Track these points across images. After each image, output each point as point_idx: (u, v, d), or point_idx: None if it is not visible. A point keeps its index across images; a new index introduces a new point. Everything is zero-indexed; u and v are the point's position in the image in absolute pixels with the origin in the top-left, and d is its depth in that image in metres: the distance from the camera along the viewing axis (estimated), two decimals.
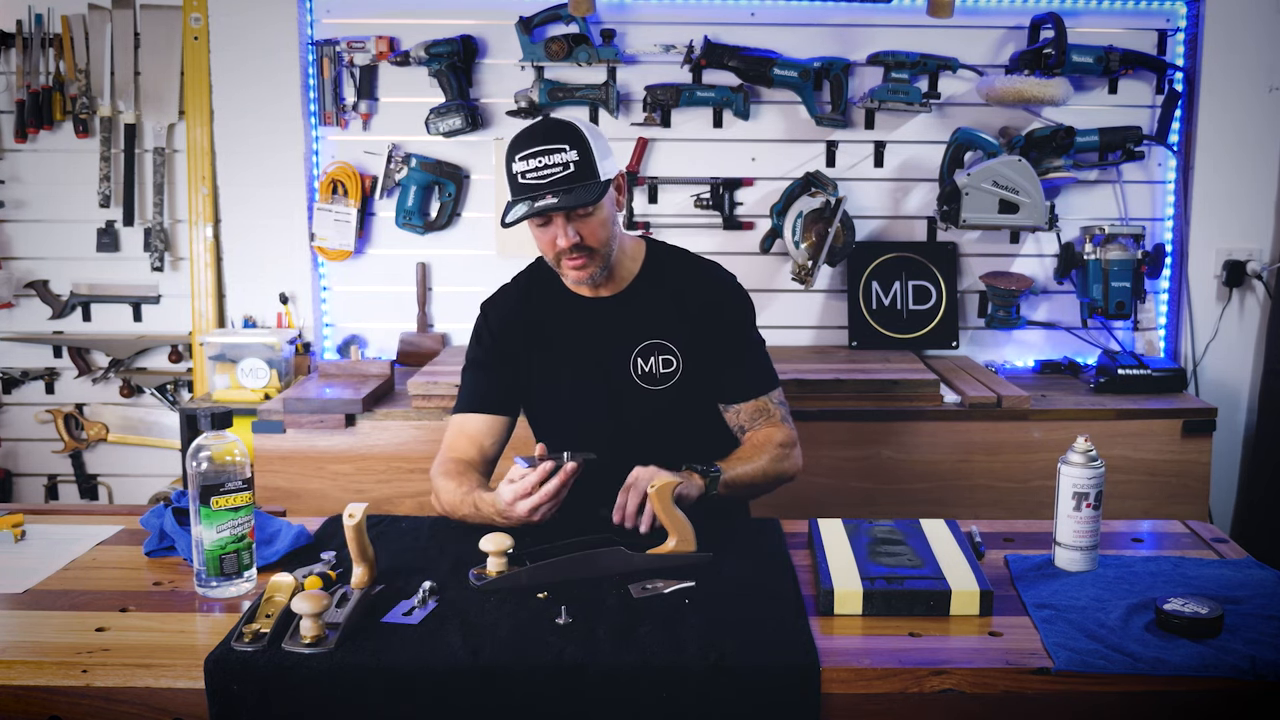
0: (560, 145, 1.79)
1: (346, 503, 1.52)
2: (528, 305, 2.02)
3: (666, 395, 1.96)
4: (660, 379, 1.96)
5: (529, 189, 1.80)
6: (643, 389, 1.96)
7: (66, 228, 3.21)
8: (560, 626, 1.43)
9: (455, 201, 3.14)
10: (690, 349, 1.97)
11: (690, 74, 3.08)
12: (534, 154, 1.79)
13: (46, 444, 3.31)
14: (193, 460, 1.54)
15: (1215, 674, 1.33)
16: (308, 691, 1.35)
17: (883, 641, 1.42)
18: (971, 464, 2.73)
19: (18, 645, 1.41)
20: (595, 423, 1.98)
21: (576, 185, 1.79)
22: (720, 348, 1.98)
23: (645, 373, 1.96)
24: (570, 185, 1.79)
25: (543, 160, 1.78)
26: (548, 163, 1.78)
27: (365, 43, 3.06)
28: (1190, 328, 3.14)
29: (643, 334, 1.97)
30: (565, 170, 1.78)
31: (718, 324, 1.98)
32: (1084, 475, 1.61)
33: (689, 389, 1.97)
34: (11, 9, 3.11)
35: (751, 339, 2.05)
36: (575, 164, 1.79)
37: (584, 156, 1.80)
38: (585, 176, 1.80)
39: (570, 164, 1.79)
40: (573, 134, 1.81)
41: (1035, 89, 2.89)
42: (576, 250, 1.85)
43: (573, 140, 1.80)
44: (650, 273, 2.00)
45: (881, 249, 3.16)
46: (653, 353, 1.96)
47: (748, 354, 2.02)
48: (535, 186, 1.79)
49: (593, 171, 1.81)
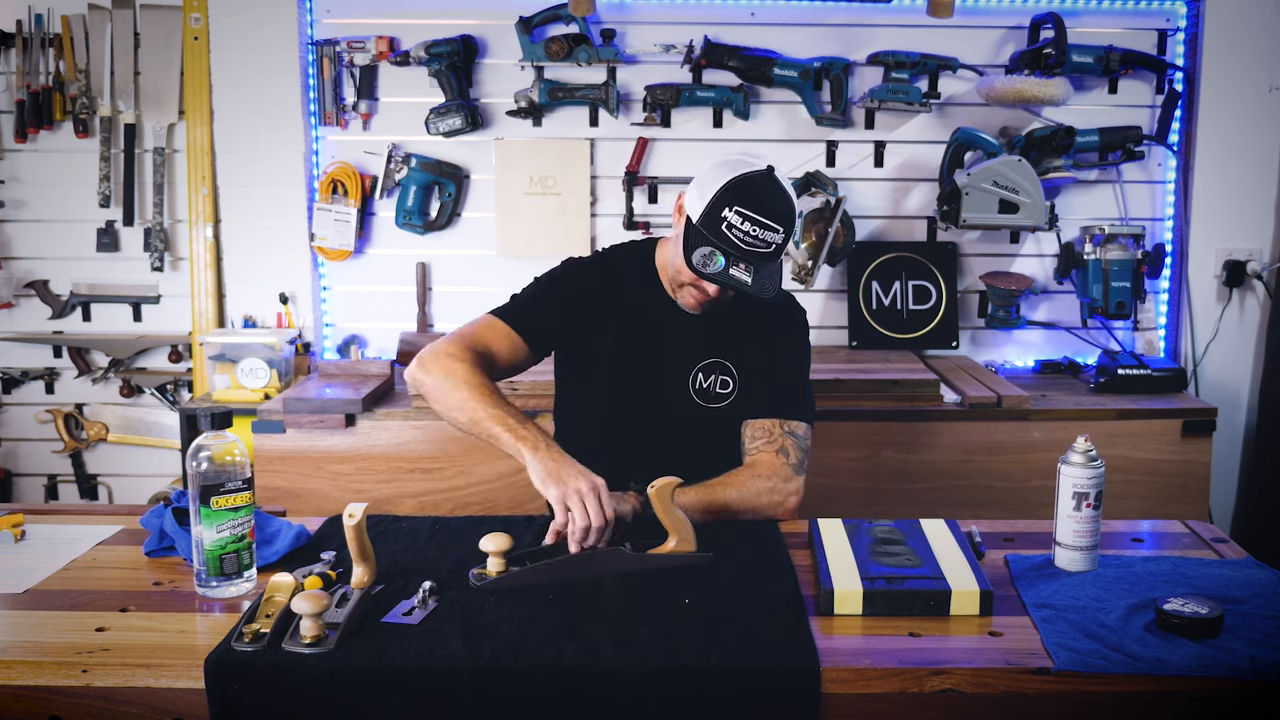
0: (779, 226, 1.77)
1: (346, 503, 1.52)
2: (614, 281, 1.97)
3: (718, 415, 1.95)
4: (715, 398, 1.96)
5: (733, 247, 1.76)
6: (696, 404, 1.95)
7: (66, 228, 3.21)
8: (560, 626, 1.43)
9: (455, 201, 3.14)
10: (747, 373, 1.96)
11: (690, 74, 3.08)
12: (756, 222, 1.75)
13: (46, 444, 3.31)
14: (193, 460, 1.54)
15: (1215, 674, 1.33)
16: (308, 691, 1.34)
17: (883, 641, 1.42)
18: (971, 464, 2.73)
19: (18, 645, 1.41)
20: (638, 429, 1.97)
21: (769, 265, 1.79)
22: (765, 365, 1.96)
23: (702, 389, 1.95)
24: (767, 264, 1.78)
25: (760, 233, 1.76)
26: (763, 238, 1.76)
27: (365, 43, 3.06)
28: (1190, 328, 3.14)
29: (710, 351, 1.95)
30: (769, 250, 1.77)
31: (771, 347, 1.97)
32: (1084, 475, 1.61)
33: (738, 412, 1.95)
34: (11, 9, 3.11)
35: (790, 366, 1.99)
36: (777, 247, 1.78)
37: (787, 239, 1.79)
38: (778, 257, 1.80)
39: (776, 246, 1.78)
40: (790, 214, 1.79)
41: (1035, 89, 2.89)
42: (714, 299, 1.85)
43: (788, 222, 1.78)
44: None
45: (881, 249, 3.16)
46: (714, 371, 1.96)
47: (780, 376, 1.97)
48: (738, 250, 1.76)
49: (783, 252, 1.81)
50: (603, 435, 1.99)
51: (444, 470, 2.71)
